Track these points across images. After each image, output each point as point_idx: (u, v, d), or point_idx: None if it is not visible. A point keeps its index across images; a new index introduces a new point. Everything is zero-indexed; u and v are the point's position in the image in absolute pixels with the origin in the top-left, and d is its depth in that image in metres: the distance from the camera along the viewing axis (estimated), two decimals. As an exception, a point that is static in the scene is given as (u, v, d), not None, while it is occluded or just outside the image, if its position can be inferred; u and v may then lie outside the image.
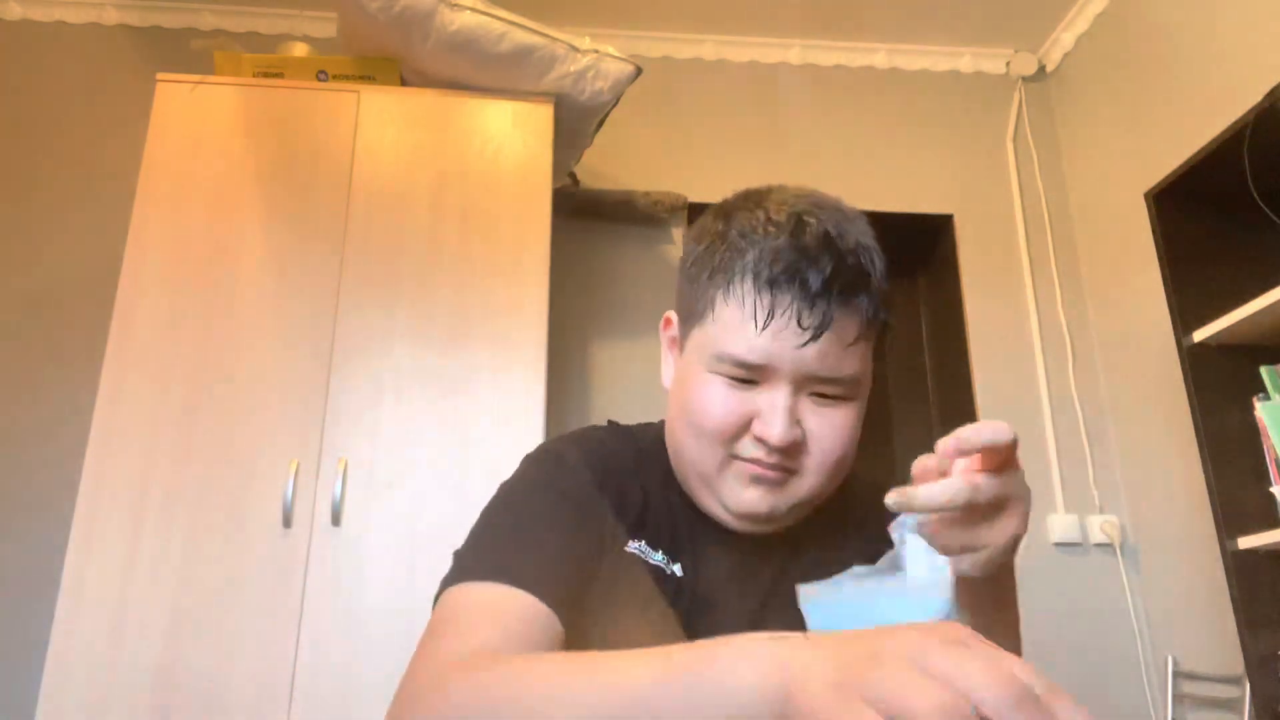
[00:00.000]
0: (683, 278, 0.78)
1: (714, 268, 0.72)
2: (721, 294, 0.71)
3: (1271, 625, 1.63)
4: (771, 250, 0.69)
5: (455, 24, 1.93)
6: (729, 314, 0.71)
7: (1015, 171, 2.78)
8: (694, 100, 2.78)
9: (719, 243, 0.73)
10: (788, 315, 0.68)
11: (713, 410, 0.72)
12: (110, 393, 1.77)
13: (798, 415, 0.70)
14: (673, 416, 0.78)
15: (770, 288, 0.68)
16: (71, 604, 1.64)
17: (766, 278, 0.68)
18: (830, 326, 0.68)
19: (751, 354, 0.69)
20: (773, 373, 0.70)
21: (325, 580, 1.71)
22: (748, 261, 0.70)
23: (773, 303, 0.68)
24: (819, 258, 0.68)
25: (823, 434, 0.71)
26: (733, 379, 0.71)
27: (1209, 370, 1.79)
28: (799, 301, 0.68)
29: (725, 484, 0.73)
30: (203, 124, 1.99)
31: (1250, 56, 2.03)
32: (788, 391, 0.70)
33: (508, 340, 1.90)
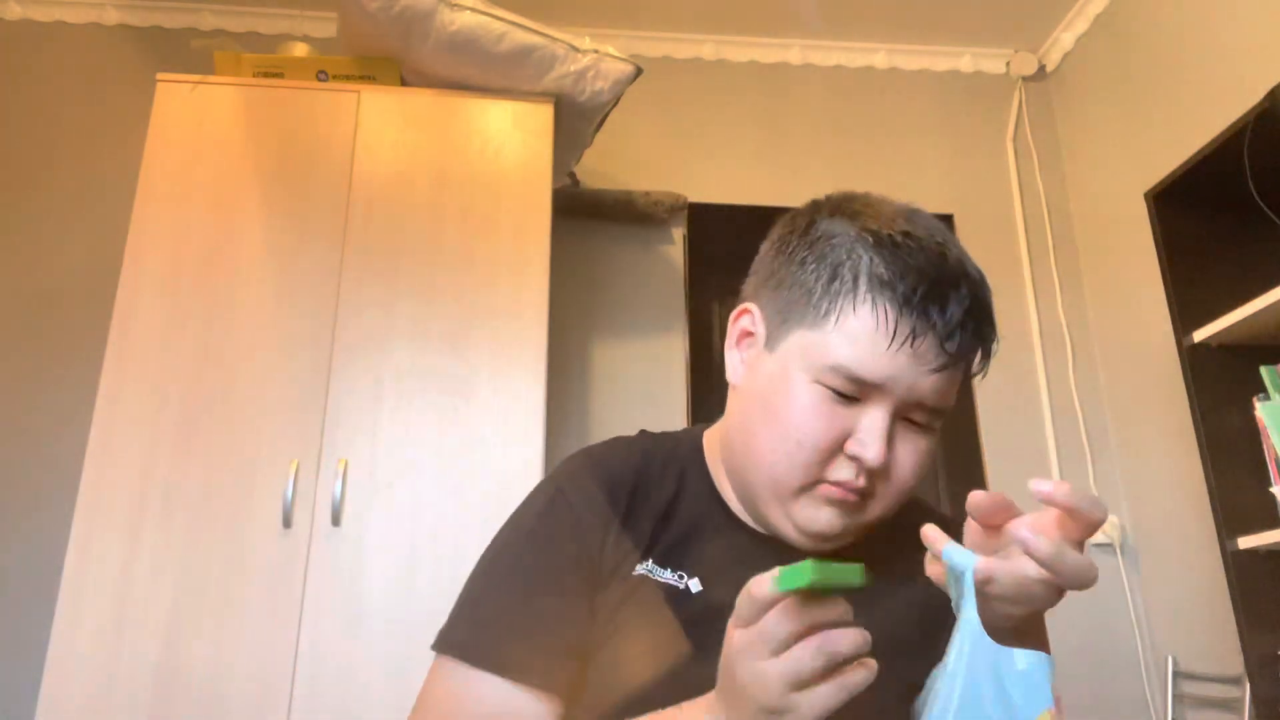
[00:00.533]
0: (786, 270, 0.72)
1: (842, 272, 0.68)
2: (852, 302, 0.67)
3: (1271, 625, 1.63)
4: (917, 270, 0.66)
5: (455, 24, 1.93)
6: (858, 325, 0.66)
7: (1015, 171, 2.78)
8: (694, 100, 2.78)
9: (844, 245, 0.69)
10: (927, 340, 0.66)
11: (812, 423, 0.68)
12: (110, 393, 1.77)
13: (891, 439, 0.68)
14: (750, 420, 0.73)
15: (915, 309, 0.65)
16: (71, 604, 1.64)
17: (913, 298, 0.65)
18: (964, 357, 0.68)
19: (873, 372, 0.66)
20: (882, 394, 0.67)
21: (325, 580, 1.71)
22: (889, 275, 0.66)
23: (915, 324, 0.65)
24: (960, 286, 0.67)
25: (905, 461, 0.70)
26: (836, 393, 0.68)
27: (1209, 370, 1.79)
28: (942, 328, 0.65)
29: (801, 502, 0.71)
30: (203, 124, 1.99)
31: (1250, 56, 2.03)
32: (889, 413, 0.67)
33: (508, 340, 1.90)
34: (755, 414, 0.72)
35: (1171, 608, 2.26)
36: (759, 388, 0.72)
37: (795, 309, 0.70)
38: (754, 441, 0.72)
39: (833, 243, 0.70)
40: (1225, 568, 1.68)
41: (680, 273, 2.58)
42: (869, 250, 0.68)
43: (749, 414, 0.73)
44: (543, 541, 0.74)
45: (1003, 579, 0.56)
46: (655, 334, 2.53)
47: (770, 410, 0.70)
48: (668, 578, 0.73)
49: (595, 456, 0.81)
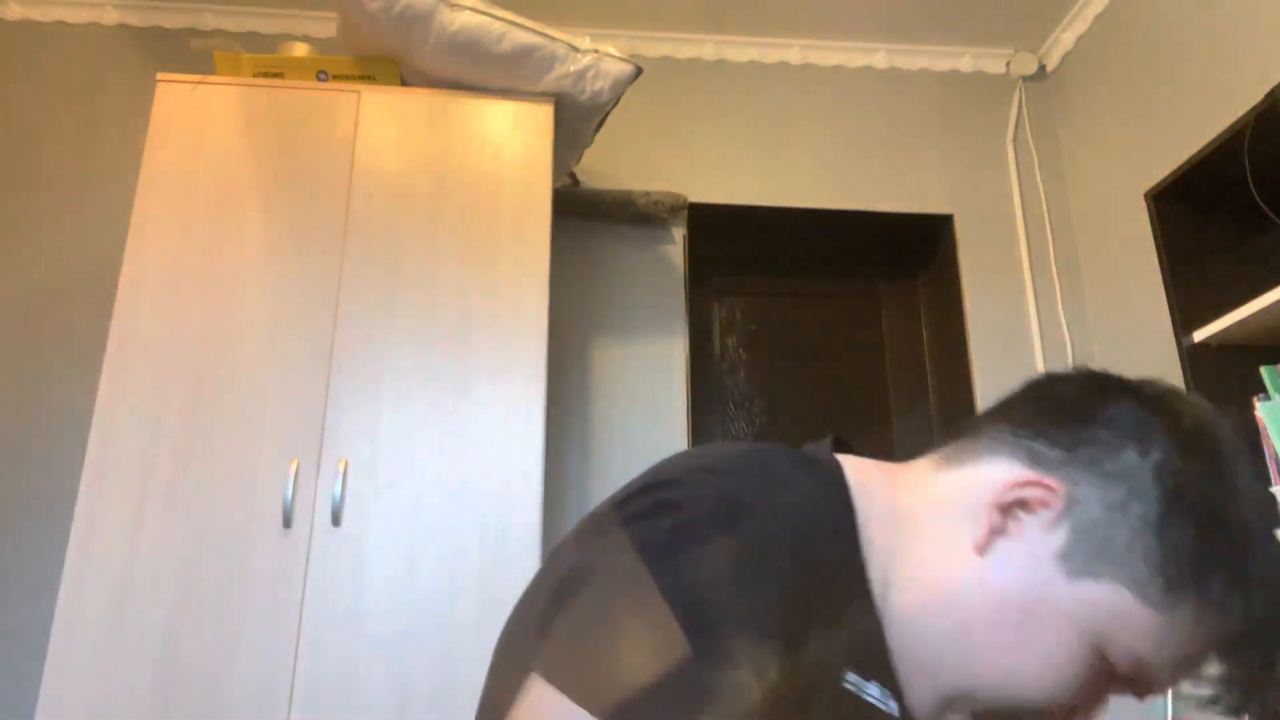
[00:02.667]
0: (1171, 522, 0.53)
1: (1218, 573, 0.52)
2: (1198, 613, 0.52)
3: (1271, 625, 1.63)
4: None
5: (455, 24, 1.93)
6: (1190, 640, 0.53)
7: (1015, 171, 2.78)
8: (694, 100, 2.78)
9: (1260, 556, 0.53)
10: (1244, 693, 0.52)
11: (1064, 690, 0.54)
12: (110, 393, 1.77)
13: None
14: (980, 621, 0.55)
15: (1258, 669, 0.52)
16: (71, 603, 1.65)
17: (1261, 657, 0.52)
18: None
19: (1165, 675, 0.54)
20: (1138, 686, 0.55)
21: (325, 580, 1.71)
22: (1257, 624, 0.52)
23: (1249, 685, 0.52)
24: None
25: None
26: (1101, 661, 0.54)
27: (1209, 370, 1.79)
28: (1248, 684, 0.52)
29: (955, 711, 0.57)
30: (203, 124, 1.99)
31: (1250, 56, 2.03)
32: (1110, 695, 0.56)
33: (508, 340, 1.90)
34: (995, 620, 0.55)
35: (1171, 608, 2.26)
36: (1017, 596, 0.54)
37: (1143, 568, 0.53)
38: (976, 647, 0.55)
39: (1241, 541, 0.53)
40: (1225, 568, 1.68)
41: (680, 273, 2.58)
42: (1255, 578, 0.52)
43: (983, 609, 0.55)
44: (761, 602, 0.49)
45: None
46: (655, 334, 2.53)
47: (1021, 641, 0.54)
48: (874, 694, 0.55)
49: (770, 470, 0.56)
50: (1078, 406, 0.59)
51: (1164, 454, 0.55)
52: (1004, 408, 0.66)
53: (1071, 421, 0.58)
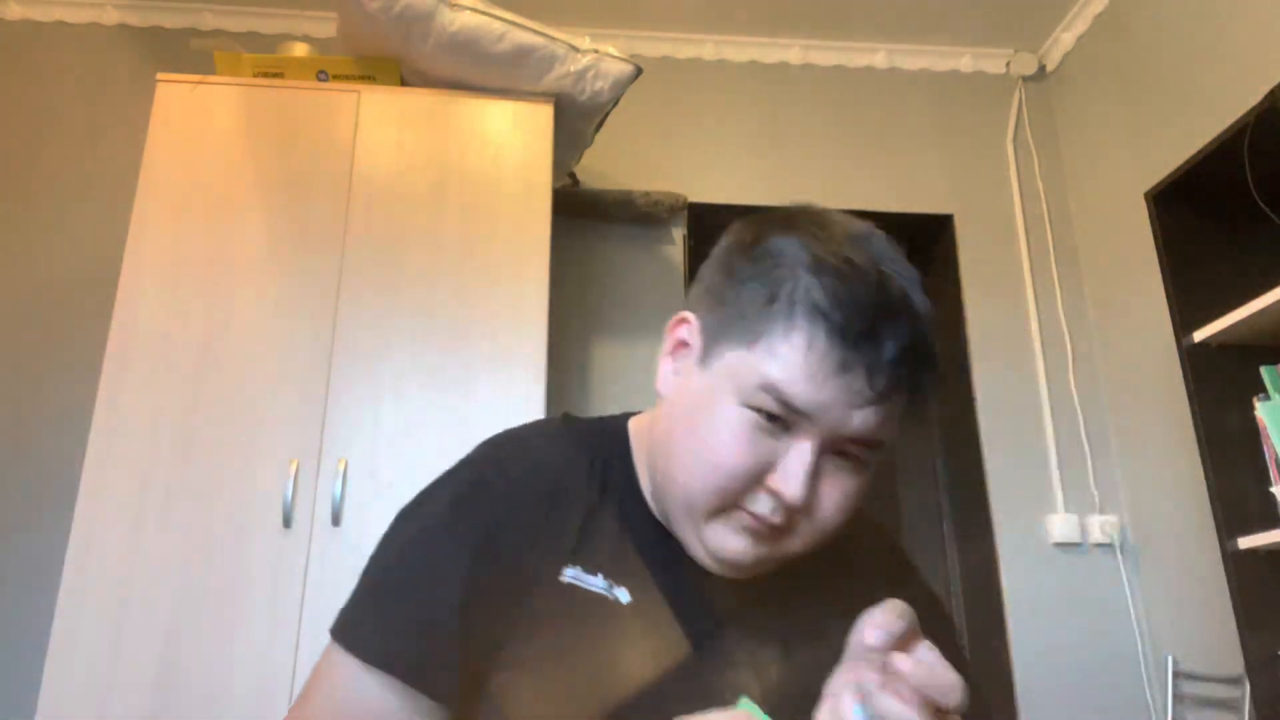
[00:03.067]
0: (726, 285, 0.69)
1: (780, 294, 0.65)
2: (785, 327, 0.64)
3: (1271, 625, 1.63)
4: (854, 300, 0.63)
5: (455, 24, 1.93)
6: (790, 353, 0.63)
7: (1015, 171, 2.78)
8: (694, 100, 2.78)
9: (786, 265, 0.65)
10: (859, 374, 0.62)
11: (734, 449, 0.64)
12: (110, 392, 1.77)
13: (816, 476, 0.65)
14: (672, 435, 0.70)
15: (847, 342, 0.62)
16: (71, 603, 1.65)
17: (847, 330, 0.62)
18: (896, 394, 0.64)
19: (801, 398, 0.63)
20: (810, 425, 0.64)
21: (325, 580, 1.71)
22: (824, 303, 0.63)
23: (847, 356, 0.62)
24: (899, 321, 0.63)
25: (830, 500, 0.66)
26: (763, 417, 0.64)
27: (1209, 370, 1.79)
28: (874, 363, 0.62)
29: (714, 529, 0.67)
30: (203, 124, 1.99)
31: (1250, 56, 2.03)
32: (816, 448, 0.64)
33: (508, 340, 1.90)
34: (679, 430, 0.69)
35: (1171, 608, 2.26)
36: (686, 403, 0.69)
37: (731, 327, 0.67)
38: (674, 458, 0.68)
39: (775, 261, 0.66)
40: (1225, 568, 1.68)
41: (680, 273, 2.58)
42: (809, 274, 0.64)
43: (673, 429, 0.70)
44: (461, 533, 0.70)
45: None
46: (655, 334, 2.52)
47: (693, 428, 0.67)
48: (597, 586, 0.69)
49: (521, 442, 0.78)
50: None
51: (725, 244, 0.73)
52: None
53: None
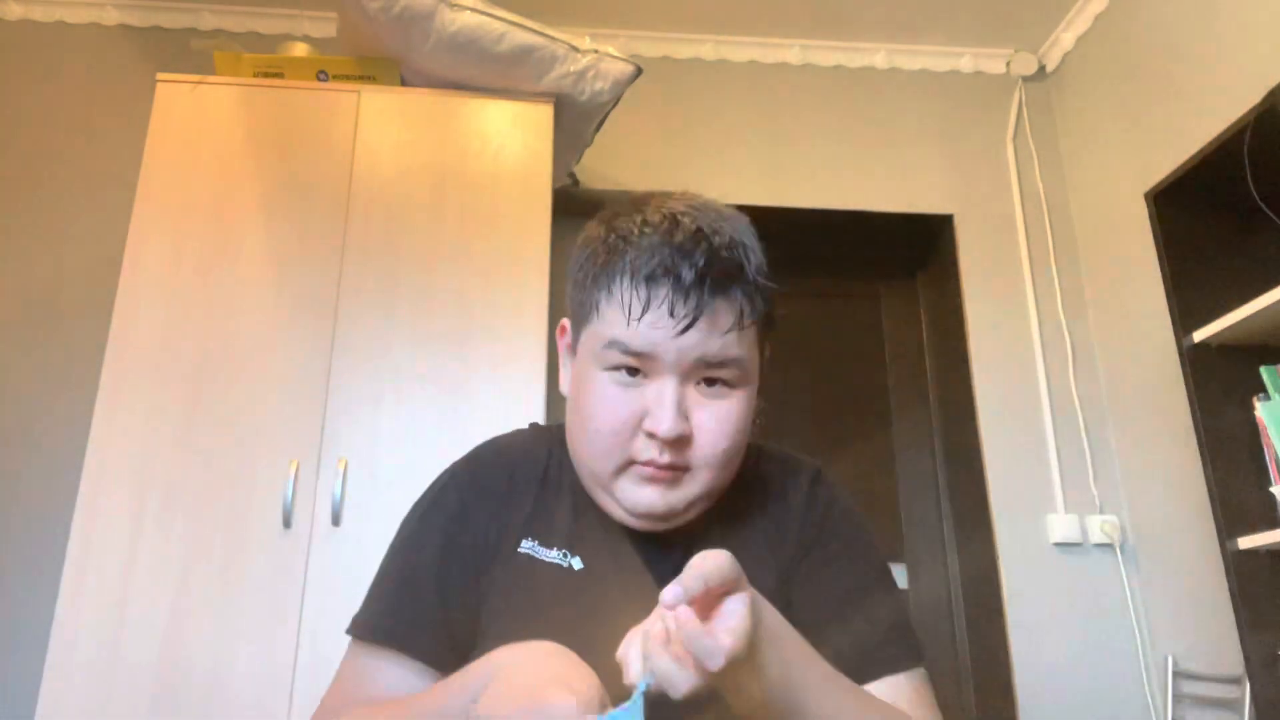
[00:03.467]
0: (570, 284, 0.80)
1: (596, 271, 0.75)
2: (604, 294, 0.74)
3: (1271, 625, 1.63)
4: (647, 247, 0.72)
5: (455, 24, 1.93)
6: (611, 309, 0.73)
7: (1015, 171, 2.78)
8: (694, 100, 2.78)
9: (600, 246, 0.76)
10: (663, 305, 0.71)
11: (604, 408, 0.74)
12: (110, 393, 1.77)
13: (686, 407, 0.73)
14: (570, 423, 0.80)
15: (646, 282, 0.71)
16: (71, 603, 1.65)
17: (644, 273, 0.72)
18: (704, 313, 0.71)
19: (635, 344, 0.72)
20: (657, 364, 0.72)
21: (325, 580, 1.71)
22: (625, 261, 0.73)
23: (649, 295, 0.71)
24: (691, 252, 0.71)
25: (710, 426, 0.73)
26: (622, 373, 0.73)
27: (1209, 370, 1.79)
28: (673, 292, 0.71)
29: (621, 487, 0.75)
30: (203, 124, 1.99)
31: (1250, 56, 2.03)
32: (674, 382, 0.72)
33: (508, 340, 1.90)
34: (572, 415, 0.79)
35: (1171, 608, 2.26)
36: (573, 391, 0.80)
37: (579, 312, 0.78)
38: (573, 438, 0.79)
39: (588, 246, 0.78)
40: (1225, 568, 1.68)
41: (680, 273, 2.58)
42: (615, 245, 0.74)
43: (570, 416, 0.80)
44: (432, 524, 0.84)
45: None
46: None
47: (578, 407, 0.78)
48: (552, 556, 0.78)
49: (486, 443, 0.91)
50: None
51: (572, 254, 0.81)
52: None
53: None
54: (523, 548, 0.79)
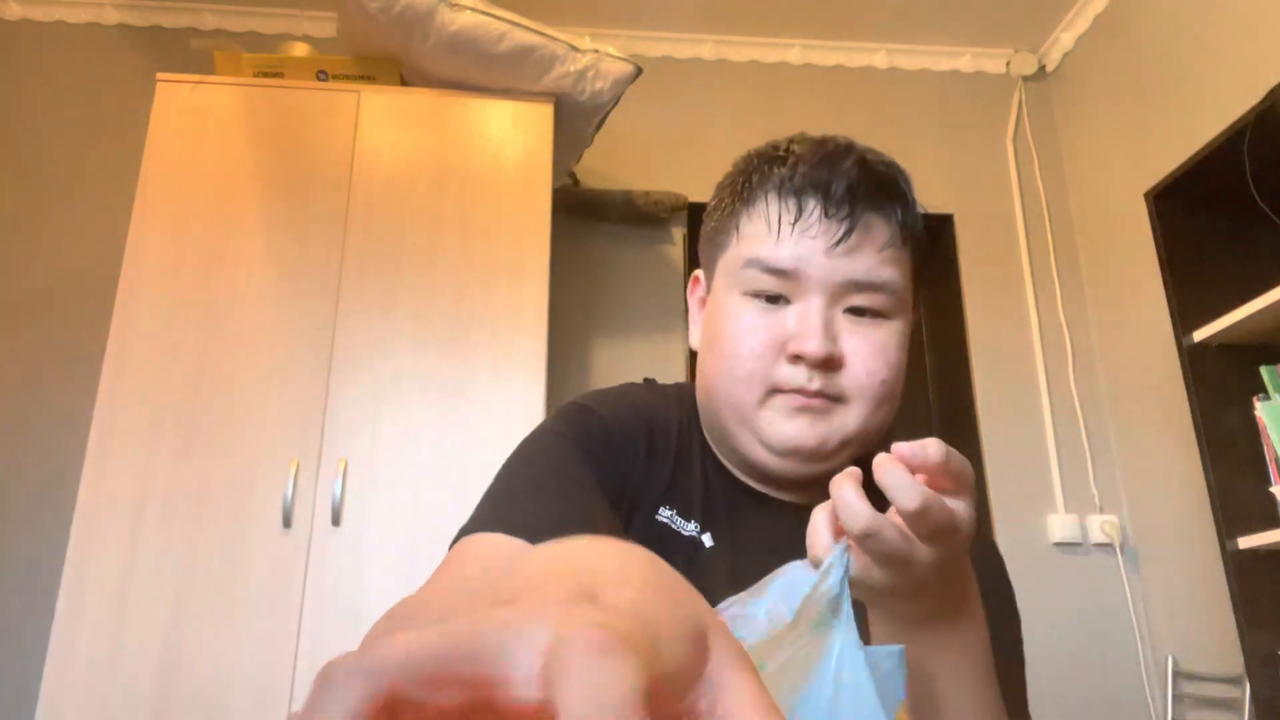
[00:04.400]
0: (706, 226, 0.76)
1: (737, 194, 0.71)
2: (746, 212, 0.69)
3: (1271, 625, 1.63)
4: (796, 157, 0.68)
5: (455, 24, 1.93)
6: (754, 227, 0.68)
7: (1015, 171, 2.78)
8: (694, 100, 2.78)
9: (741, 174, 0.72)
10: (815, 215, 0.66)
11: (744, 334, 0.67)
12: (110, 393, 1.77)
13: (834, 331, 0.66)
14: (704, 361, 0.73)
15: (796, 194, 0.67)
16: (71, 604, 1.65)
17: (792, 186, 0.67)
18: (859, 226, 0.65)
19: (781, 259, 0.66)
20: (804, 282, 0.66)
21: (325, 580, 1.71)
22: (771, 178, 0.68)
23: (799, 205, 0.66)
24: (843, 163, 0.67)
25: (864, 352, 0.66)
26: (763, 299, 0.67)
27: (1209, 370, 1.79)
28: (824, 203, 0.66)
29: (765, 419, 0.67)
30: (203, 124, 1.99)
31: (1250, 56, 2.03)
32: (822, 303, 0.66)
33: (508, 340, 1.90)
34: (706, 353, 0.72)
35: (1171, 608, 2.26)
36: (706, 330, 0.73)
37: (716, 241, 0.73)
38: (708, 377, 0.72)
39: (733, 175, 0.74)
40: (1225, 568, 1.68)
41: (680, 273, 2.58)
42: (758, 167, 0.70)
43: (703, 358, 0.73)
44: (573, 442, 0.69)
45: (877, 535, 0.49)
46: (655, 334, 2.53)
47: (714, 340, 0.71)
48: (689, 529, 0.71)
49: (618, 389, 0.79)
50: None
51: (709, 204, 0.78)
52: None
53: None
54: (661, 515, 0.71)
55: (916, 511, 0.47)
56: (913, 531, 0.49)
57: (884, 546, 0.48)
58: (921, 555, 0.49)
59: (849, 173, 0.66)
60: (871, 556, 0.49)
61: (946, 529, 0.49)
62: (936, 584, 0.51)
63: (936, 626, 0.54)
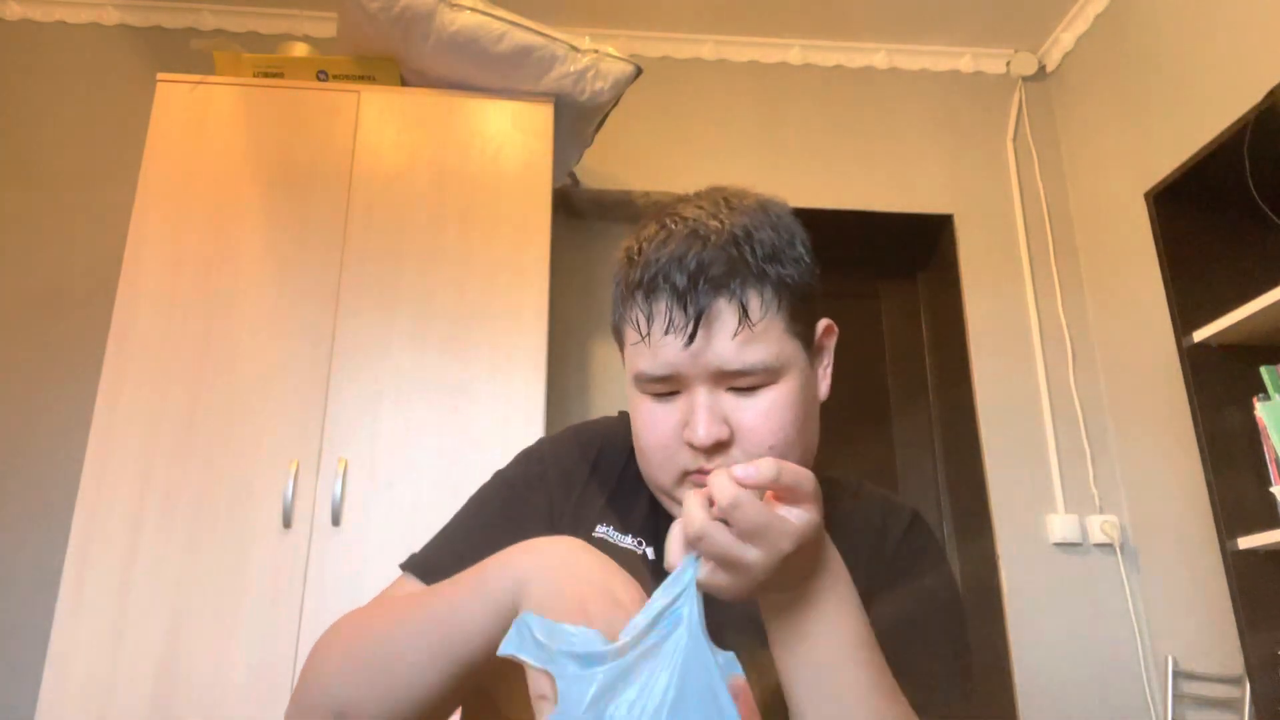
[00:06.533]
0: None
1: (616, 294, 0.76)
2: (623, 315, 0.74)
3: (1271, 625, 1.63)
4: (644, 263, 0.70)
5: (455, 24, 1.93)
6: (629, 334, 0.73)
7: (1015, 171, 2.78)
8: (694, 100, 2.78)
9: (619, 269, 0.76)
10: (664, 321, 0.69)
11: (646, 430, 0.73)
12: (110, 393, 1.77)
13: (721, 411, 0.69)
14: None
15: (647, 299, 0.70)
16: (71, 604, 1.65)
17: (645, 290, 0.70)
18: (703, 321, 0.68)
19: (655, 368, 0.70)
20: (683, 379, 0.70)
21: (325, 580, 1.71)
22: (633, 279, 0.71)
23: (650, 311, 0.69)
24: (683, 256, 0.69)
25: (752, 425, 0.70)
26: (655, 395, 0.72)
27: (1209, 370, 1.79)
28: (670, 304, 0.68)
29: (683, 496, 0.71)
30: (203, 124, 1.99)
31: (1250, 56, 2.03)
32: (703, 391, 0.69)
33: (507, 340, 1.90)
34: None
35: (1171, 608, 2.26)
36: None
37: (616, 337, 0.79)
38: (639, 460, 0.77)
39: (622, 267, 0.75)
40: (1225, 568, 1.68)
41: (680, 273, 2.58)
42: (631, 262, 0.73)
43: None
44: (511, 486, 0.84)
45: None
46: (655, 334, 2.52)
47: (632, 424, 0.76)
48: (627, 543, 0.78)
49: (576, 425, 0.91)
50: None
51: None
52: None
53: None
54: (598, 532, 0.79)
55: (730, 504, 0.53)
56: (737, 533, 0.54)
57: (715, 548, 0.54)
58: (751, 557, 0.55)
59: (688, 264, 0.68)
60: (708, 558, 0.56)
61: (766, 529, 0.54)
62: (779, 581, 0.57)
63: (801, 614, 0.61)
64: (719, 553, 0.55)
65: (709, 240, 0.69)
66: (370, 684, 0.68)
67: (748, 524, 0.54)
